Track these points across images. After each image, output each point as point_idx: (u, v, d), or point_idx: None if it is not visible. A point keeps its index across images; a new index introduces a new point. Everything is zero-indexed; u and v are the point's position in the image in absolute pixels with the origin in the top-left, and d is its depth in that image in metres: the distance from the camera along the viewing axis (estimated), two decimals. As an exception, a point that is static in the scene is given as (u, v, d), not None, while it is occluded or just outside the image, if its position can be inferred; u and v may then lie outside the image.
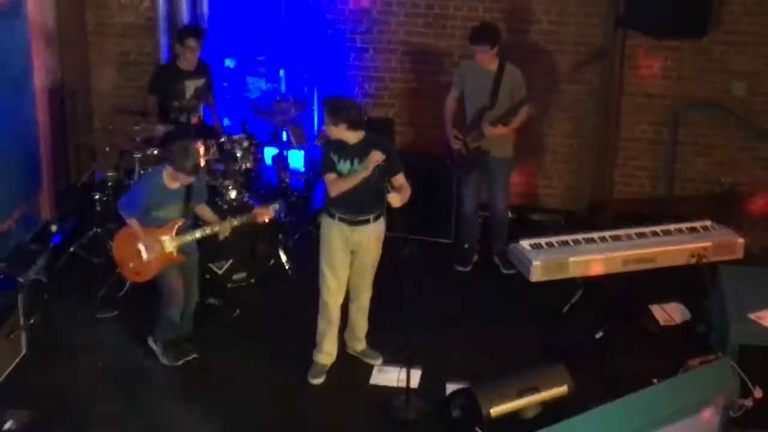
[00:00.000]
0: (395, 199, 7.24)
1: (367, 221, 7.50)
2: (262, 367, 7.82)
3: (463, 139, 8.79)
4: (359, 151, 7.32)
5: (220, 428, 7.20)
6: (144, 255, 7.43)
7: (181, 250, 7.52)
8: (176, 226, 7.46)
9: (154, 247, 7.41)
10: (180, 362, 7.69)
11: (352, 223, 7.47)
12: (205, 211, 7.65)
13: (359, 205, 7.44)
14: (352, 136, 7.32)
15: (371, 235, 7.54)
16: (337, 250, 7.52)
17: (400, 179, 7.41)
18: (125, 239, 7.55)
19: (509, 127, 8.68)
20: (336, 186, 7.35)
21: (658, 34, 9.28)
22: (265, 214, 7.66)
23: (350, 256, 7.57)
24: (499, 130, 8.64)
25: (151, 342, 7.83)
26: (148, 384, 7.68)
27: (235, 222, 7.51)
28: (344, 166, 7.36)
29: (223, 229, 7.50)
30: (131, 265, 7.55)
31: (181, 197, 7.43)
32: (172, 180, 7.34)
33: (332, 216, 7.50)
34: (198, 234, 7.50)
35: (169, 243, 7.42)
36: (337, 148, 7.37)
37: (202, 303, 8.14)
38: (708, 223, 8.23)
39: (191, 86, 9.39)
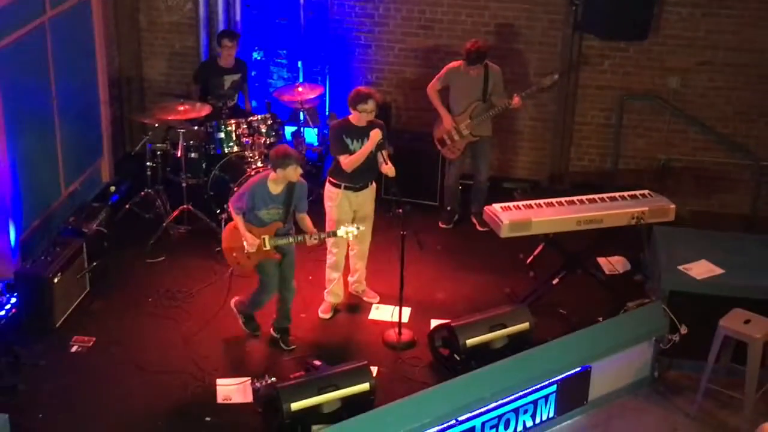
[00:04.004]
0: (390, 170, 7.27)
1: (366, 186, 7.56)
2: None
3: (457, 127, 8.75)
4: (366, 131, 7.32)
5: (244, 352, 7.27)
6: (246, 248, 7.05)
7: (279, 249, 7.14)
8: (276, 228, 7.07)
9: (255, 243, 7.02)
10: (257, 333, 7.46)
11: (356, 189, 7.50)
12: (305, 220, 7.14)
13: (361, 174, 7.46)
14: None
15: (370, 195, 7.63)
16: (344, 213, 7.53)
17: (384, 154, 7.38)
18: (232, 233, 7.14)
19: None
20: (350, 163, 7.34)
21: (609, 36, 9.22)
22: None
23: (351, 216, 7.59)
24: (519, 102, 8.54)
25: (236, 314, 7.52)
26: (188, 317, 7.70)
27: (323, 236, 7.16)
28: (357, 146, 7.36)
29: (312, 239, 7.08)
30: (234, 254, 7.14)
31: (281, 202, 7.01)
32: (276, 184, 6.95)
33: (338, 186, 7.49)
34: (291, 240, 7.09)
35: (269, 241, 7.03)
36: (348, 132, 7.36)
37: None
38: (646, 191, 8.19)
39: (229, 80, 9.35)
